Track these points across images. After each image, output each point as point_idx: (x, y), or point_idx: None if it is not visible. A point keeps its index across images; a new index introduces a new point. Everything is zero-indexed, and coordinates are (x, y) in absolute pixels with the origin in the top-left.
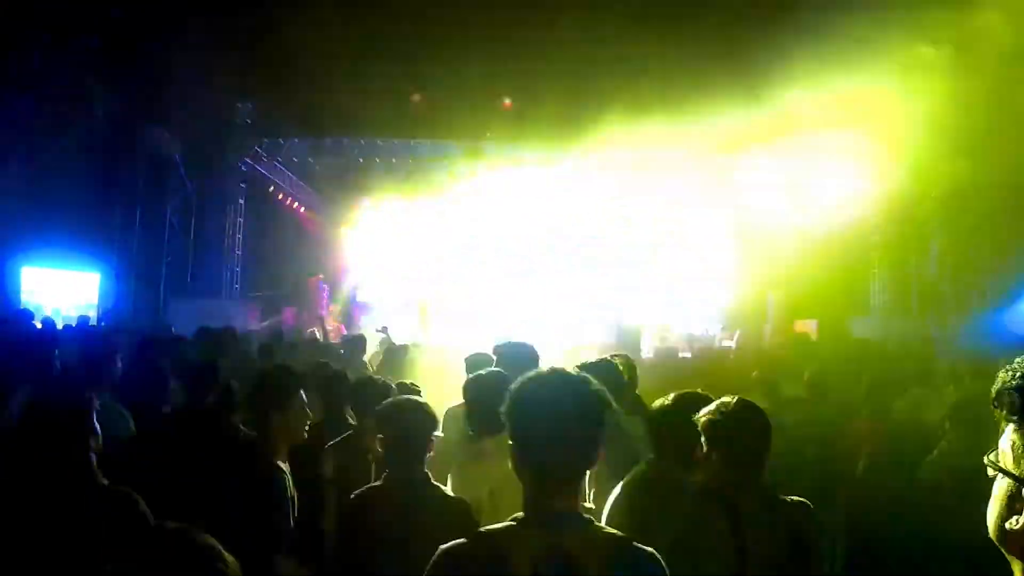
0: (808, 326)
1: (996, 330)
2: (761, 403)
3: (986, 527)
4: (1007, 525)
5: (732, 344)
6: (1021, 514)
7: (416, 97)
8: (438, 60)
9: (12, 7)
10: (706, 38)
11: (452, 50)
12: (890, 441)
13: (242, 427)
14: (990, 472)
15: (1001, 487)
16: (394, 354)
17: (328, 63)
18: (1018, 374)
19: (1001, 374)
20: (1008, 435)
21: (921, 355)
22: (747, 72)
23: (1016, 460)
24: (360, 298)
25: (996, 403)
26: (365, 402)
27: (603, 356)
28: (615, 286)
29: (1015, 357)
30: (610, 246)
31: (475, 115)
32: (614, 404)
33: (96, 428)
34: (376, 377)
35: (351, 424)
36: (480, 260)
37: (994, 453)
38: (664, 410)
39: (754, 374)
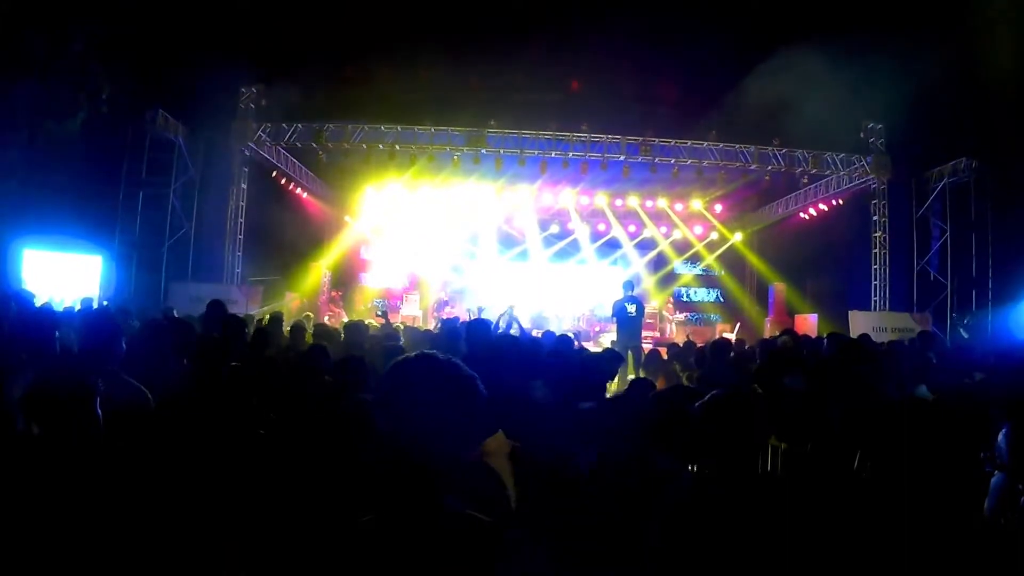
0: (809, 320)
1: (998, 329)
2: None
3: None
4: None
5: (732, 336)
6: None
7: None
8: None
9: None
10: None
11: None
12: None
13: None
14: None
15: (995, 481)
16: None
17: (332, 49)
18: None
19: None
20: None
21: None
22: None
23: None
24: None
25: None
26: None
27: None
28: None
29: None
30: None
31: (479, 103)
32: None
33: (99, 413)
34: None
35: None
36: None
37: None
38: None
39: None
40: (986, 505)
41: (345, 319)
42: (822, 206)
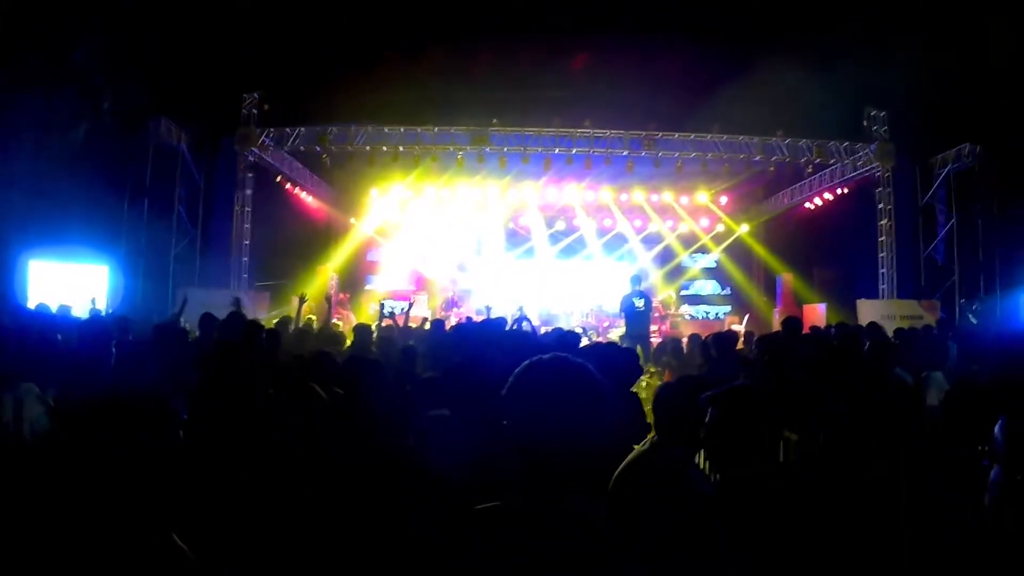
0: (817, 310)
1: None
2: None
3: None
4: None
5: (741, 328)
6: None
7: None
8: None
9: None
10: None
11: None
12: None
13: None
14: None
15: (993, 474)
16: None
17: (333, 52)
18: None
19: None
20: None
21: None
22: None
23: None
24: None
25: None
26: None
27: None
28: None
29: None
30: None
31: (481, 101)
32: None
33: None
34: None
35: None
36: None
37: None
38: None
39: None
40: (986, 499)
41: (354, 321)
42: (827, 195)
